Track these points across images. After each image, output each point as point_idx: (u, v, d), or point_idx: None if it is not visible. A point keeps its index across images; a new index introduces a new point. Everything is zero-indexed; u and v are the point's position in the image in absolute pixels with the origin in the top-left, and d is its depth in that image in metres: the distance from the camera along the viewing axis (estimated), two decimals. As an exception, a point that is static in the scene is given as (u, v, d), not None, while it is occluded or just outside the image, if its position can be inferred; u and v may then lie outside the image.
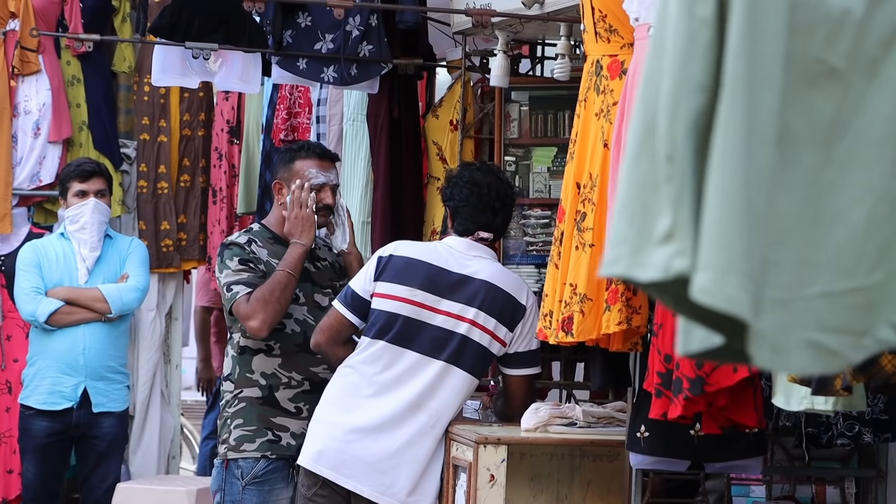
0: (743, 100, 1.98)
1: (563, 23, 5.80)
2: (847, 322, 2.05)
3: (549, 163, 6.37)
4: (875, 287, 2.06)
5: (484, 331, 5.17)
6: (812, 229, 2.04)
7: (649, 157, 2.05)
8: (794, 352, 2.01)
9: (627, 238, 2.05)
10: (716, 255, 1.95)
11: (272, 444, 5.50)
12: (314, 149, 5.69)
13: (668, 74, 2.03)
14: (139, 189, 8.09)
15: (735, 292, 1.94)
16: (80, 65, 7.79)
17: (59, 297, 6.96)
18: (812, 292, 2.03)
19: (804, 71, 2.03)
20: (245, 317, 5.41)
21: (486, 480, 4.85)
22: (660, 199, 2.03)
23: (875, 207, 2.06)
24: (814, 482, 5.07)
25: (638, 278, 2.04)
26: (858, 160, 2.07)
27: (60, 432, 7.01)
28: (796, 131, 2.03)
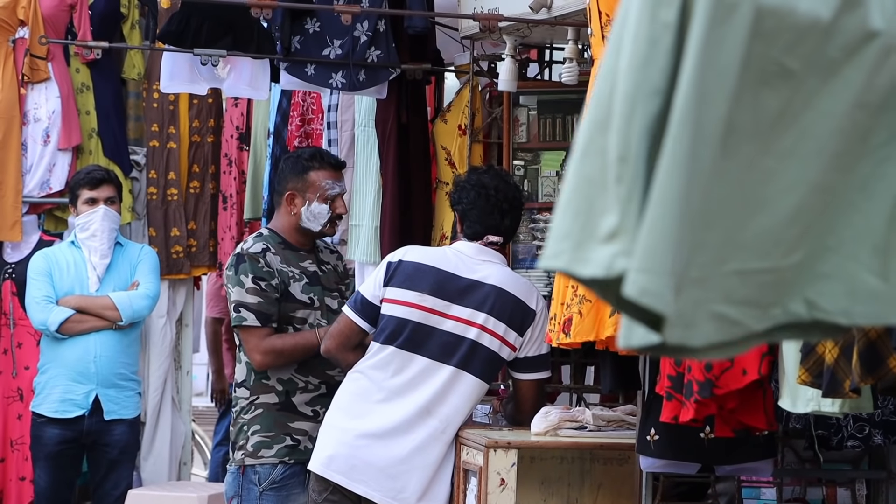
0: (694, 105, 2.00)
1: (570, 27, 5.81)
2: (753, 296, 2.10)
3: (557, 167, 6.38)
4: (790, 267, 2.12)
5: (494, 336, 5.17)
6: (740, 213, 2.08)
7: (598, 155, 2.07)
8: (700, 324, 2.06)
9: (571, 233, 2.08)
10: (649, 257, 1.98)
11: (291, 449, 5.51)
12: (327, 159, 5.69)
13: (627, 76, 2.04)
14: (149, 196, 8.10)
15: (662, 291, 1.99)
16: (90, 72, 7.81)
17: (70, 306, 6.98)
18: (727, 269, 2.08)
19: (759, 72, 2.05)
20: (252, 350, 5.47)
21: (497, 484, 4.85)
22: (607, 197, 2.05)
23: (805, 196, 2.11)
24: (824, 484, 5.06)
25: (579, 273, 2.07)
26: (799, 152, 2.10)
27: (72, 440, 7.03)
28: (740, 124, 2.06)
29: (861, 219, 2.15)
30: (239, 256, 5.56)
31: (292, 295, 5.54)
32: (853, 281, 2.15)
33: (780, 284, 2.12)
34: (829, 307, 2.15)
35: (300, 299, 5.56)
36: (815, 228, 2.13)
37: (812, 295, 2.14)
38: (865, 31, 2.08)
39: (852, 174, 2.15)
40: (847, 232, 2.15)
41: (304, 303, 5.56)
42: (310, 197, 5.57)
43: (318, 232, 5.65)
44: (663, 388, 4.33)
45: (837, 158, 2.13)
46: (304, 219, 5.58)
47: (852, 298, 2.15)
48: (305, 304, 5.57)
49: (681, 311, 2.01)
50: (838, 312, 2.15)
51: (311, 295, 5.58)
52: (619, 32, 2.07)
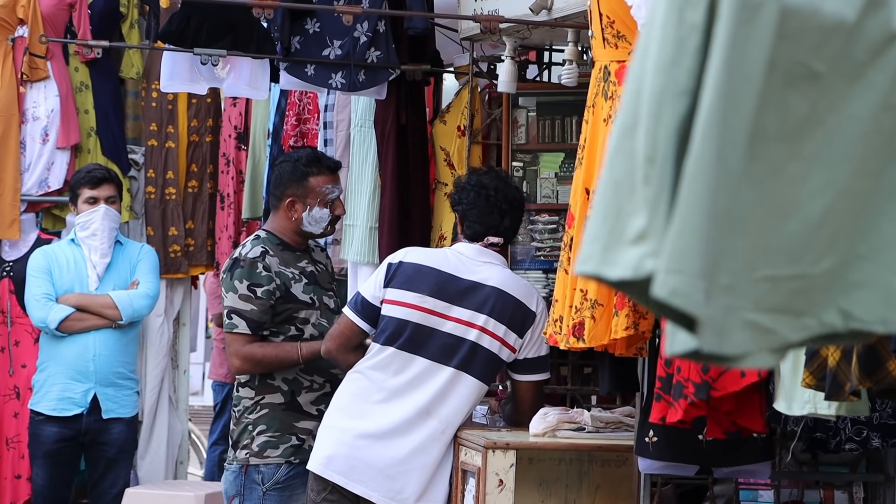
0: (721, 106, 2.00)
1: (570, 29, 5.82)
2: (784, 303, 2.10)
3: (556, 168, 6.39)
4: (821, 274, 2.11)
5: (494, 337, 5.18)
6: (768, 218, 2.08)
7: (626, 157, 2.08)
8: (733, 332, 2.06)
9: (599, 236, 2.08)
10: (678, 258, 1.99)
11: (296, 449, 5.52)
12: (325, 162, 5.70)
13: (654, 78, 2.04)
14: (147, 195, 8.10)
15: (692, 292, 1.99)
16: (89, 71, 7.81)
17: (69, 304, 6.98)
18: (757, 276, 2.07)
19: (785, 74, 2.05)
20: (233, 354, 5.52)
21: (495, 485, 4.86)
22: (635, 199, 2.05)
23: (834, 201, 2.10)
24: (822, 487, 5.07)
25: (607, 276, 2.07)
26: (826, 156, 2.10)
27: (70, 438, 7.03)
28: (768, 127, 2.06)
29: (892, 226, 2.14)
30: (235, 261, 5.56)
31: (294, 295, 5.55)
32: (888, 289, 2.14)
33: (810, 292, 2.11)
34: (865, 316, 2.13)
35: (302, 299, 5.57)
36: (845, 235, 2.12)
37: (846, 305, 2.13)
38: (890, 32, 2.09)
39: (881, 180, 2.14)
40: (878, 240, 2.14)
41: (305, 303, 5.58)
42: (310, 202, 5.58)
43: (318, 234, 5.68)
44: (655, 388, 4.34)
45: (864, 163, 2.12)
46: (306, 223, 5.60)
47: (888, 306, 2.13)
48: (307, 305, 5.58)
49: (712, 317, 2.00)
50: (875, 321, 2.14)
51: (311, 295, 5.60)
52: (646, 34, 2.08)
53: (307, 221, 5.59)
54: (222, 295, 5.62)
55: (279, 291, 5.52)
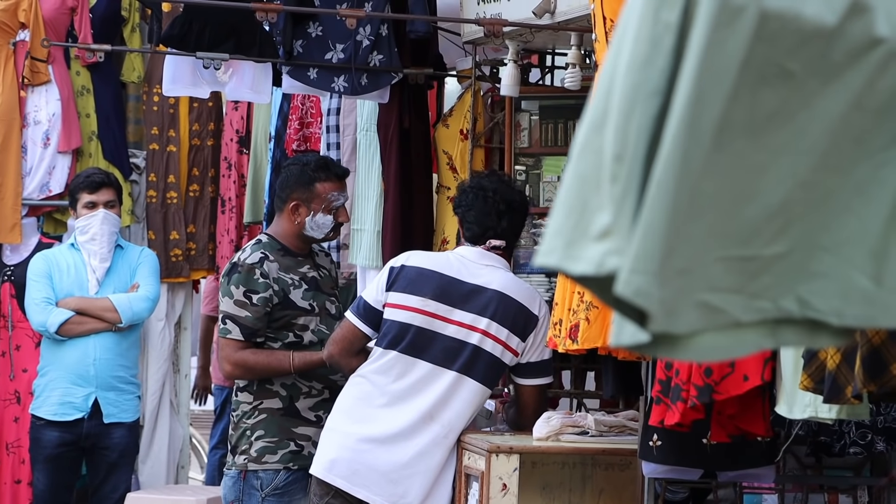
0: (692, 108, 2.01)
1: (573, 32, 5.81)
2: (736, 284, 2.11)
3: (559, 172, 6.38)
4: (773, 257, 2.13)
5: (496, 341, 5.17)
6: (728, 205, 2.09)
7: (593, 154, 2.08)
8: (684, 312, 2.07)
9: (563, 230, 2.09)
10: (644, 258, 2.01)
11: (295, 455, 5.51)
12: (333, 169, 5.69)
13: (627, 76, 2.04)
14: (148, 199, 8.09)
15: (654, 291, 2.01)
16: (90, 75, 7.81)
17: (69, 308, 6.97)
18: (710, 258, 2.09)
19: (759, 72, 2.06)
20: (224, 358, 5.53)
21: (499, 489, 4.85)
22: (601, 195, 2.06)
23: (793, 190, 2.12)
24: (826, 491, 5.06)
25: (570, 270, 2.08)
26: (791, 149, 2.11)
27: (71, 443, 7.01)
28: (736, 120, 2.07)
29: (857, 222, 2.16)
30: (234, 266, 5.55)
31: (293, 302, 5.54)
32: (847, 282, 2.16)
33: (763, 275, 2.12)
34: (821, 306, 2.15)
35: (301, 306, 5.56)
36: (805, 225, 2.14)
37: (804, 293, 2.15)
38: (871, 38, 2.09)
39: (849, 177, 2.15)
40: (843, 234, 2.16)
41: (305, 309, 5.56)
42: (315, 208, 5.57)
43: (321, 239, 5.67)
44: (655, 392, 4.34)
45: (830, 158, 2.13)
46: (308, 228, 5.59)
47: (845, 299, 2.16)
48: (306, 311, 5.57)
49: (663, 300, 2.03)
50: (830, 312, 2.16)
51: (311, 301, 5.59)
52: (621, 32, 2.08)
53: (309, 226, 5.58)
54: (219, 299, 5.61)
55: (277, 297, 5.51)
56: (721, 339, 2.14)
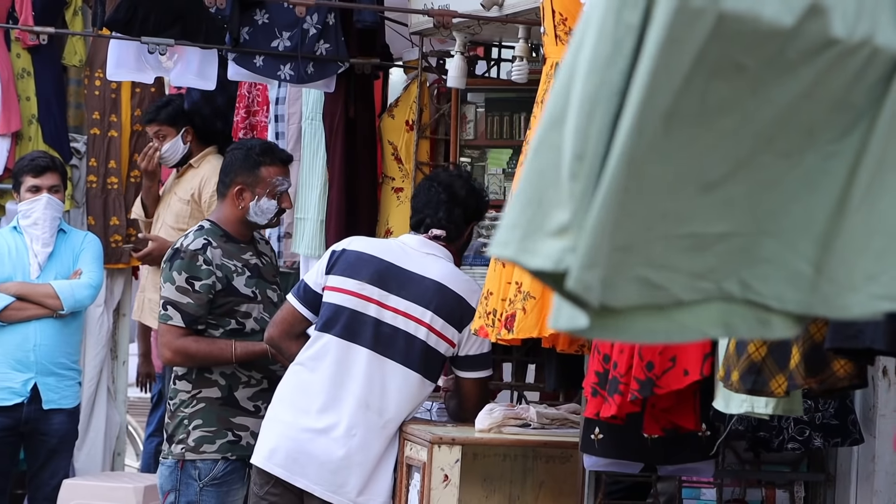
0: (642, 106, 2.03)
1: (521, 25, 5.83)
2: (677, 262, 2.14)
3: (503, 164, 6.41)
4: (717, 237, 2.16)
5: (431, 330, 5.16)
6: (671, 185, 2.12)
7: (552, 150, 2.10)
8: (621, 286, 2.10)
9: (519, 223, 2.11)
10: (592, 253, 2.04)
11: (232, 444, 5.49)
12: (278, 154, 5.68)
13: (589, 76, 2.06)
14: (89, 184, 8.04)
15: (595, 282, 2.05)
16: (31, 57, 7.74)
17: (10, 293, 6.91)
18: (651, 235, 2.12)
19: (711, 67, 2.09)
20: (164, 345, 5.51)
21: (440, 480, 4.86)
22: (560, 192, 2.08)
23: (734, 170, 2.15)
24: (764, 486, 5.11)
25: (526, 264, 2.10)
26: (738, 132, 2.14)
27: (9, 428, 6.96)
28: (686, 110, 2.10)
29: (803, 210, 2.19)
30: (176, 252, 5.52)
31: (236, 289, 5.52)
32: (789, 268, 2.19)
33: (704, 254, 2.15)
34: (762, 290, 2.18)
35: (244, 293, 5.54)
36: (750, 208, 2.17)
37: (747, 277, 2.18)
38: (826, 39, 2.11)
39: (798, 166, 2.18)
40: (788, 221, 2.19)
41: (247, 296, 5.55)
42: (259, 192, 5.56)
43: (263, 225, 5.65)
44: (589, 384, 4.36)
45: (777, 144, 2.16)
46: (252, 213, 5.57)
47: (787, 285, 2.19)
48: (249, 298, 5.55)
49: (603, 276, 2.06)
50: (771, 296, 2.19)
51: (254, 288, 5.57)
52: (582, 31, 2.09)
53: (253, 211, 5.56)
54: (160, 285, 5.57)
55: (220, 284, 5.49)
56: (660, 323, 2.16)
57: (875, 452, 4.92)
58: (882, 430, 4.90)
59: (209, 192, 7.26)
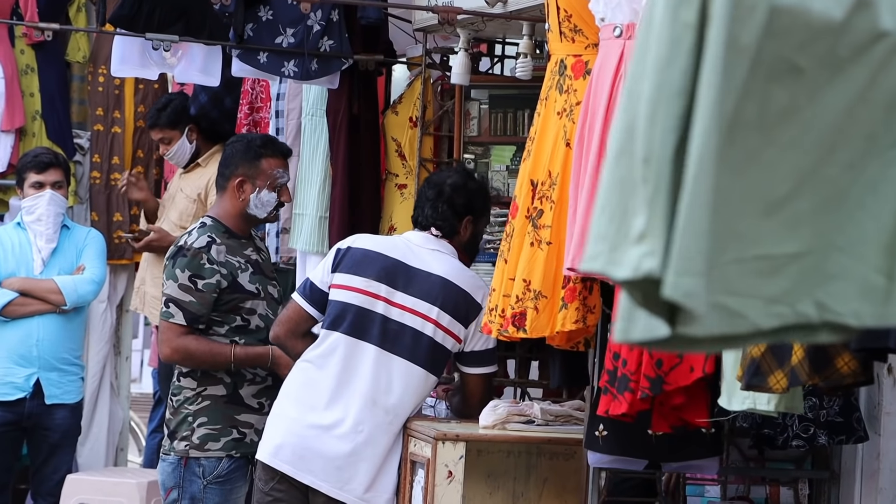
0: (717, 105, 2.02)
1: (525, 22, 5.82)
2: (752, 286, 2.12)
3: (507, 161, 6.40)
4: (785, 257, 2.14)
5: (438, 326, 5.17)
6: (739, 202, 2.11)
7: (630, 158, 2.10)
8: (703, 315, 2.08)
9: (607, 235, 2.10)
10: (687, 259, 2.01)
11: (237, 442, 5.49)
12: (278, 147, 5.70)
13: (650, 78, 2.07)
14: (92, 180, 8.05)
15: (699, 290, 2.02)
16: (35, 54, 7.75)
17: (13, 288, 6.92)
18: (725, 259, 2.11)
19: (768, 68, 2.08)
20: (165, 342, 5.48)
21: (444, 477, 4.86)
22: (637, 199, 2.08)
23: (801, 185, 2.14)
24: (768, 483, 5.11)
25: (614, 275, 2.09)
26: (799, 144, 2.13)
27: (12, 423, 6.97)
28: (747, 117, 2.09)
29: (869, 219, 2.17)
30: (180, 249, 5.50)
31: (241, 285, 5.52)
32: (863, 282, 2.17)
33: (778, 276, 2.13)
34: (839, 308, 2.16)
35: (248, 289, 5.54)
36: (818, 225, 2.15)
37: (822, 296, 2.16)
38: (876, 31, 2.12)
39: (861, 174, 2.17)
40: (857, 233, 2.17)
41: (252, 293, 5.54)
42: (259, 184, 5.55)
43: (262, 219, 5.65)
44: (603, 382, 4.36)
45: (838, 153, 2.15)
46: (252, 206, 5.56)
47: (862, 299, 2.17)
48: (253, 294, 5.55)
49: None
50: (849, 314, 2.16)
51: (257, 285, 5.57)
52: (644, 35, 2.10)
53: (254, 204, 5.55)
54: (163, 282, 5.57)
55: (226, 281, 5.48)
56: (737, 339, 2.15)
57: (880, 450, 4.92)
58: (887, 427, 4.90)
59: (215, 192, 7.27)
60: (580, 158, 4.39)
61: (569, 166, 4.51)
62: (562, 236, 4.52)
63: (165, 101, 7.57)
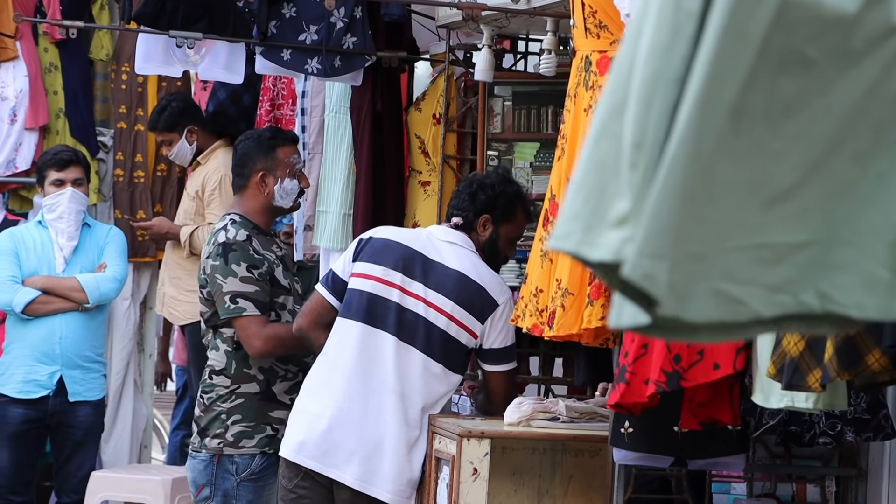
0: (704, 93, 2.02)
1: (549, 18, 5.81)
2: (755, 274, 2.11)
3: (531, 158, 6.39)
4: (790, 247, 2.13)
5: (451, 320, 5.15)
6: (744, 192, 2.10)
7: (612, 140, 2.08)
8: (698, 299, 2.06)
9: (580, 216, 2.08)
10: (652, 241, 2.00)
11: (270, 439, 5.49)
12: (287, 135, 5.77)
13: (647, 63, 2.05)
14: (115, 177, 8.06)
15: (662, 275, 2.00)
16: (58, 52, 7.77)
17: (36, 287, 6.93)
18: (727, 246, 2.09)
19: (778, 59, 2.07)
20: (253, 336, 5.43)
21: (469, 474, 4.85)
22: (620, 182, 2.06)
23: (808, 176, 2.12)
24: (794, 480, 5.09)
25: (587, 256, 2.07)
26: (807, 136, 2.12)
27: (36, 420, 6.99)
28: (754, 107, 2.07)
29: (877, 214, 2.16)
30: (226, 246, 5.48)
31: (277, 280, 5.54)
32: (867, 275, 2.16)
33: (781, 265, 2.12)
34: (842, 300, 2.15)
35: (283, 284, 5.56)
36: (824, 216, 2.14)
37: (825, 287, 2.15)
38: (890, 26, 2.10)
39: (869, 168, 2.16)
40: (862, 226, 2.16)
41: (285, 288, 5.57)
42: (280, 174, 5.58)
43: (287, 209, 5.66)
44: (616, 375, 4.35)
45: (846, 145, 2.14)
46: (278, 197, 5.57)
47: (866, 292, 2.15)
48: (286, 290, 5.57)
49: (674, 284, 2.02)
50: (851, 305, 2.15)
51: (287, 280, 5.59)
52: (640, 18, 2.08)
53: (279, 195, 5.56)
54: (216, 282, 5.47)
55: (268, 274, 5.51)
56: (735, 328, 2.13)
57: (907, 447, 4.90)
58: (915, 424, 4.87)
59: (211, 187, 7.30)
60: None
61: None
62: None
63: (164, 104, 7.58)
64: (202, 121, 7.55)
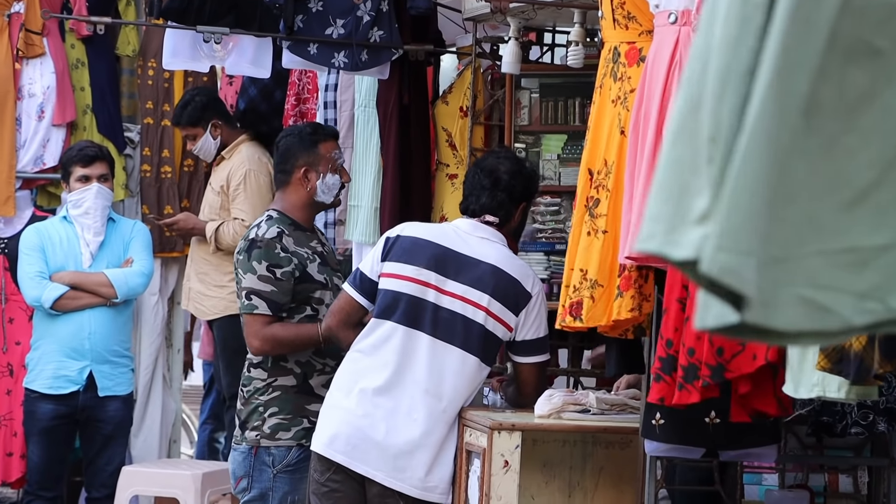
0: (776, 84, 1.99)
1: (576, 9, 5.80)
2: (841, 280, 2.06)
3: (559, 150, 6.38)
4: (874, 249, 2.07)
5: (488, 314, 5.15)
6: (820, 191, 2.05)
7: (690, 137, 2.06)
8: (783, 307, 2.02)
9: (662, 216, 2.06)
10: (730, 235, 1.97)
11: (307, 431, 5.49)
12: (328, 130, 5.77)
13: (718, 57, 2.04)
14: (142, 173, 8.08)
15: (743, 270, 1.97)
16: (85, 48, 7.79)
17: (64, 282, 6.95)
18: (808, 250, 2.04)
19: (846, 50, 2.04)
20: (252, 335, 5.49)
21: (500, 466, 4.85)
22: (699, 179, 2.03)
23: (885, 173, 2.08)
24: (826, 471, 5.07)
25: (671, 256, 2.05)
26: (880, 129, 2.08)
27: (66, 415, 7.01)
28: (825, 102, 2.04)
29: None
30: (252, 242, 5.51)
31: (311, 275, 5.55)
32: None
33: (867, 269, 2.08)
34: None
35: (318, 280, 5.56)
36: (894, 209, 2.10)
37: None
38: None
39: None
40: None
41: (321, 283, 5.57)
42: (322, 170, 5.59)
43: (329, 204, 5.68)
44: (654, 369, 4.33)
45: None
46: (320, 192, 5.60)
47: None
48: (322, 285, 5.58)
49: (760, 289, 1.99)
50: None
51: (325, 275, 5.59)
52: (710, 12, 2.07)
53: (321, 190, 5.59)
54: (237, 276, 5.55)
55: (297, 272, 5.51)
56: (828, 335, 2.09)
57: (940, 437, 4.88)
58: (948, 414, 4.85)
59: (236, 182, 7.32)
60: (635, 146, 4.36)
61: (624, 154, 4.48)
62: (617, 225, 4.50)
63: (187, 99, 7.60)
64: (226, 115, 7.58)
